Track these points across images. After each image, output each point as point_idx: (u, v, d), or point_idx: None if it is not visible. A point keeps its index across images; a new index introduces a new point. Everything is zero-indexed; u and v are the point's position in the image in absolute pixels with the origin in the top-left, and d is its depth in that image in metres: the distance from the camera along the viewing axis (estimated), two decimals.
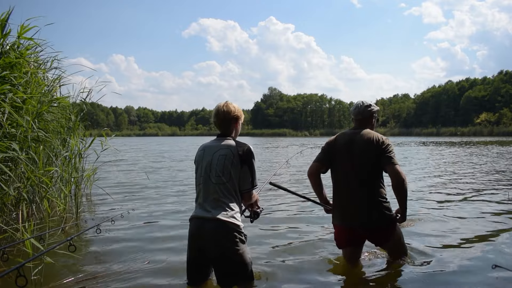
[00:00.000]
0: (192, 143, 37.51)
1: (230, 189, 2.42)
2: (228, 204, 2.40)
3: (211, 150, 2.51)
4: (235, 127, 2.61)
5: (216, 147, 2.50)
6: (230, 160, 2.42)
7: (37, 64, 5.23)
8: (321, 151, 3.14)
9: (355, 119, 3.13)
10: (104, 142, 6.07)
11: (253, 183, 2.50)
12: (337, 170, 3.06)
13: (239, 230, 2.40)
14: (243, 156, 2.43)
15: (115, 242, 4.08)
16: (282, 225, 4.79)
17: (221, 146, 2.49)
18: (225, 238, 2.34)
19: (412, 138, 54.82)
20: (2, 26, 4.11)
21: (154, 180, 9.38)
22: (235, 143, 2.49)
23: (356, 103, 3.13)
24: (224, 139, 2.54)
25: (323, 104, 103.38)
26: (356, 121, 3.12)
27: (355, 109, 3.12)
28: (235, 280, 2.40)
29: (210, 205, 2.39)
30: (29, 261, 1.93)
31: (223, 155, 2.44)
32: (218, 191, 2.40)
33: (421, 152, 20.80)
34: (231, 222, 2.35)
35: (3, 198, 3.77)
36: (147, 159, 17.30)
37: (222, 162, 2.42)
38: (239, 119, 2.61)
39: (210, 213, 2.36)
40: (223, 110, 2.56)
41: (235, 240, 2.36)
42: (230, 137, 2.57)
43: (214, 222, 2.33)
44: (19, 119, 3.97)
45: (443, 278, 3.03)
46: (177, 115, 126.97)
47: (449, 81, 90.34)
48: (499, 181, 8.77)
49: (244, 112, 3.19)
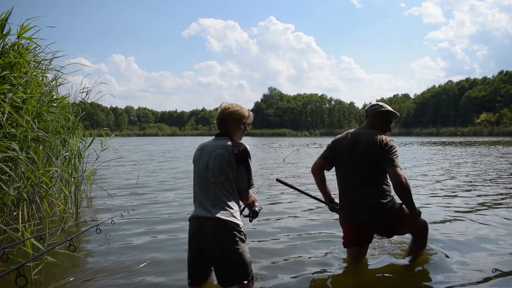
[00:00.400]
0: (192, 143, 37.51)
1: (228, 188, 2.43)
2: (227, 203, 2.40)
3: (208, 150, 2.51)
4: (236, 127, 2.59)
5: (213, 147, 2.51)
6: (226, 160, 2.42)
7: (36, 64, 5.23)
8: (326, 148, 3.17)
9: (367, 117, 3.15)
10: (104, 142, 6.07)
11: (250, 182, 2.50)
12: (341, 169, 3.08)
13: (239, 229, 2.40)
14: (239, 155, 2.43)
15: (115, 242, 4.07)
16: (282, 223, 4.80)
17: (217, 146, 2.49)
18: (225, 237, 2.34)
19: (412, 138, 54.82)
20: (1, 26, 4.10)
21: (154, 180, 9.38)
22: (231, 143, 2.49)
23: (375, 103, 3.17)
24: (221, 139, 2.54)
25: (323, 104, 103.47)
26: (367, 119, 3.15)
27: (371, 108, 3.15)
28: (235, 280, 2.40)
29: (209, 205, 2.39)
30: (29, 261, 1.93)
31: (219, 155, 2.44)
32: (217, 190, 2.41)
33: (427, 152, 20.81)
34: (231, 221, 2.36)
35: (3, 198, 3.77)
36: (148, 159, 17.29)
37: (218, 162, 2.42)
38: (241, 120, 2.59)
39: (210, 213, 2.36)
40: (224, 109, 2.58)
41: (235, 239, 2.36)
42: (228, 136, 2.56)
43: (214, 221, 2.34)
44: (19, 119, 3.97)
45: (442, 279, 3.03)
46: (177, 115, 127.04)
47: (449, 81, 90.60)
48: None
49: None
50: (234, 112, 2.57)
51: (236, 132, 2.60)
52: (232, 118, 2.57)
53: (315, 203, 5.38)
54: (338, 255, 3.51)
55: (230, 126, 2.58)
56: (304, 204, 5.98)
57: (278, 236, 4.28)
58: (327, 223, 4.79)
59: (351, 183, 2.98)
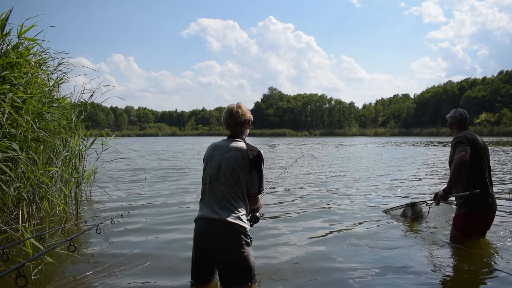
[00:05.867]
0: (194, 143, 37.49)
1: (238, 192, 2.41)
2: (235, 206, 2.38)
3: (221, 150, 2.50)
4: (246, 129, 2.64)
5: (226, 148, 2.49)
6: (240, 163, 2.41)
7: (37, 64, 5.22)
8: (464, 143, 3.41)
9: (467, 122, 3.74)
10: (104, 142, 6.07)
11: (261, 187, 2.49)
12: (478, 162, 3.47)
13: (246, 232, 2.39)
14: (253, 160, 2.42)
15: (115, 242, 4.07)
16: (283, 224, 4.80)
17: (231, 148, 2.47)
18: (231, 240, 2.33)
19: (412, 138, 54.80)
20: (1, 26, 4.10)
21: (154, 180, 9.38)
22: (246, 146, 2.48)
23: (462, 110, 3.80)
24: (235, 140, 2.54)
25: (323, 104, 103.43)
26: (467, 124, 3.76)
27: (467, 114, 3.78)
28: (238, 282, 2.38)
29: (217, 206, 2.37)
30: (29, 261, 1.93)
31: (233, 157, 2.43)
32: (226, 193, 2.39)
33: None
34: (238, 224, 2.34)
35: (3, 198, 3.77)
36: (148, 159, 17.29)
37: (231, 164, 2.41)
38: (250, 122, 2.65)
39: (217, 214, 2.35)
40: (238, 112, 2.57)
41: (241, 242, 2.35)
42: (241, 138, 2.57)
43: (221, 224, 2.32)
44: (19, 119, 3.97)
45: (442, 279, 3.03)
46: (177, 115, 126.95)
47: (449, 81, 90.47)
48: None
49: None
50: (247, 114, 2.61)
51: (246, 133, 2.66)
52: (247, 122, 2.61)
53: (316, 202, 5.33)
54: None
55: (244, 129, 2.62)
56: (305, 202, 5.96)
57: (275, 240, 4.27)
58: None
59: (486, 174, 3.49)
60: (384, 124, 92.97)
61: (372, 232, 4.38)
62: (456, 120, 3.75)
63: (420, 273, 3.12)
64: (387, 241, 4.00)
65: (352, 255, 3.61)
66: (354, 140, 51.52)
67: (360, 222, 4.88)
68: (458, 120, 3.73)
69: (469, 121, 3.77)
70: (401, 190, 7.55)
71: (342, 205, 5.99)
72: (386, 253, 3.63)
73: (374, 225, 4.70)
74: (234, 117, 2.56)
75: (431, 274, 3.12)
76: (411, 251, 3.69)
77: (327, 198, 6.68)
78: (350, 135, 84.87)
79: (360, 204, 6.05)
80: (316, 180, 9.22)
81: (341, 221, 4.97)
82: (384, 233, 4.31)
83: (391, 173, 10.66)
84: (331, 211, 5.61)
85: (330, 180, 9.22)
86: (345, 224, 4.78)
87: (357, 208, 5.77)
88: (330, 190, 7.59)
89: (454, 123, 3.77)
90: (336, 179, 9.32)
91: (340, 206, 5.91)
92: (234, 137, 2.57)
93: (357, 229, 4.56)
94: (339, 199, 6.60)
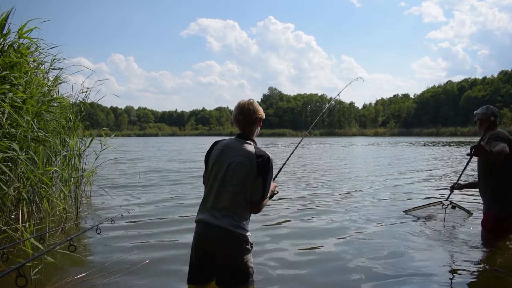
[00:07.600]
0: (194, 143, 37.49)
1: (242, 199, 2.34)
2: (237, 213, 2.33)
3: (229, 153, 2.39)
4: (257, 128, 2.51)
5: (235, 151, 2.38)
6: (247, 169, 2.32)
7: (36, 64, 5.23)
8: (505, 140, 3.38)
9: (497, 120, 3.71)
10: (103, 142, 6.07)
11: (264, 195, 2.39)
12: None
13: (246, 239, 2.36)
14: (260, 167, 2.33)
15: (115, 242, 4.07)
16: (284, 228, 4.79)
17: (240, 152, 2.36)
18: (231, 247, 2.30)
19: (412, 138, 54.82)
20: (1, 26, 4.10)
21: (154, 180, 9.38)
22: (255, 151, 2.36)
23: (493, 107, 3.76)
24: (245, 142, 2.41)
25: (323, 104, 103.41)
26: (497, 122, 3.71)
27: (498, 111, 3.77)
28: (237, 283, 2.33)
29: (219, 212, 2.32)
30: (29, 261, 1.93)
31: (241, 163, 2.33)
32: (230, 200, 2.33)
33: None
34: (239, 232, 2.31)
35: (3, 198, 3.77)
36: (148, 158, 17.28)
37: (239, 171, 2.32)
38: (262, 120, 2.51)
39: (218, 220, 2.30)
40: (249, 109, 2.43)
41: (242, 250, 2.33)
42: (252, 140, 2.46)
43: (222, 231, 2.29)
44: (19, 119, 3.97)
45: (441, 279, 3.03)
46: (177, 115, 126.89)
47: (449, 81, 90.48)
48: None
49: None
50: (259, 111, 2.46)
51: (256, 132, 2.53)
52: (258, 120, 2.47)
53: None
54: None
55: (255, 127, 2.49)
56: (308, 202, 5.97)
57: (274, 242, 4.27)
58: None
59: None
60: (384, 124, 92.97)
61: (391, 232, 4.41)
62: (487, 117, 3.70)
63: (438, 275, 3.12)
64: (405, 242, 4.00)
65: (364, 254, 3.63)
66: (355, 140, 51.52)
67: (379, 223, 4.89)
68: (489, 117, 3.68)
69: (499, 118, 3.78)
70: (420, 191, 7.57)
71: (360, 206, 6.00)
72: (402, 255, 3.63)
73: (394, 226, 4.72)
74: (245, 114, 2.43)
75: (449, 276, 3.12)
76: (428, 253, 3.70)
77: (345, 197, 6.75)
78: (350, 135, 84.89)
79: (380, 204, 6.14)
80: (331, 180, 9.30)
81: (357, 221, 4.99)
82: (402, 234, 4.31)
83: (409, 173, 10.74)
84: (351, 209, 5.69)
85: (345, 180, 9.31)
86: (361, 225, 4.80)
87: (375, 208, 5.82)
88: (347, 190, 7.65)
89: (485, 120, 3.71)
90: (352, 180, 9.36)
91: (358, 207, 5.89)
92: (244, 137, 2.45)
93: (375, 229, 4.60)
94: (357, 199, 6.64)
